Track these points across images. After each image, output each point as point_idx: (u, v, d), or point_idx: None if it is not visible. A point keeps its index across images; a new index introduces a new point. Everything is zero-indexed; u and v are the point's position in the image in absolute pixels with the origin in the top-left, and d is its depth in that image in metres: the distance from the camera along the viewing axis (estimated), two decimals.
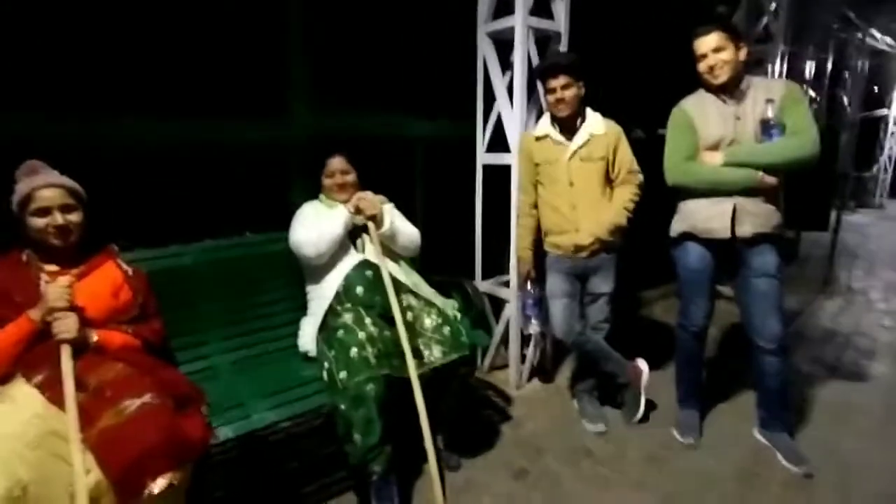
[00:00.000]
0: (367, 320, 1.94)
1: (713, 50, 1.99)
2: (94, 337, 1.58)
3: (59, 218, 1.61)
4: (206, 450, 1.55)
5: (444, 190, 3.17)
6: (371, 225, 2.12)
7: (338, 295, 2.08)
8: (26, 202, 1.61)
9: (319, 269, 2.14)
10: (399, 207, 2.38)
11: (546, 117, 2.37)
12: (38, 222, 1.60)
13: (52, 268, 1.66)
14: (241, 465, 2.20)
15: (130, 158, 2.25)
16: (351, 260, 2.13)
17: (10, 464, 1.24)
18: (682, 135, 2.11)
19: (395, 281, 2.08)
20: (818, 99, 8.36)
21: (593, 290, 2.40)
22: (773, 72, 4.52)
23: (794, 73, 5.21)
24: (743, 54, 2.02)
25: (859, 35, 9.86)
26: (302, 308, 2.26)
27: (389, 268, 2.10)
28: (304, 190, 2.41)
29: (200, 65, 2.38)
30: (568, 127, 2.30)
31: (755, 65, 4.23)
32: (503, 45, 2.68)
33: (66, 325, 1.51)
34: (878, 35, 9.94)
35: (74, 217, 1.65)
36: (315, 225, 2.11)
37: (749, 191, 2.00)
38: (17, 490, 1.22)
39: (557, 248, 2.37)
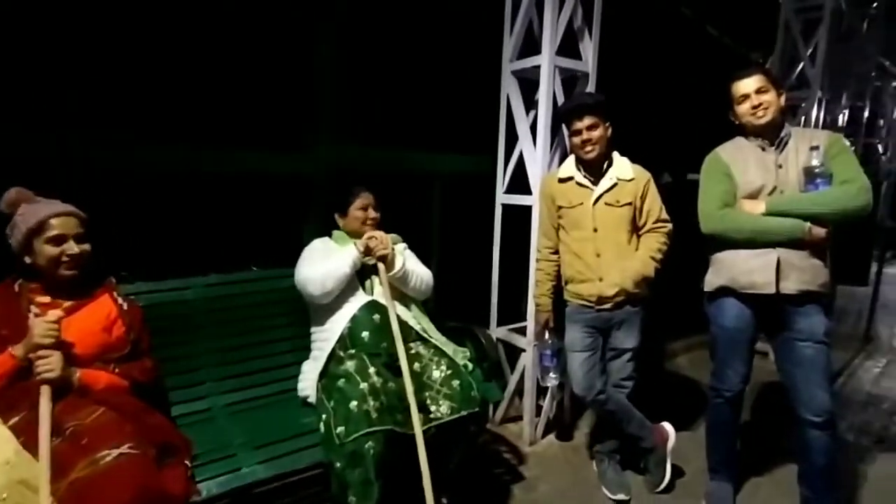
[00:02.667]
0: (372, 369, 1.81)
1: (756, 91, 1.88)
2: (78, 376, 1.48)
3: (74, 247, 1.56)
4: None
5: (462, 230, 3.06)
6: (381, 266, 2.01)
7: (342, 339, 1.95)
8: (39, 230, 1.54)
9: (325, 310, 2.03)
10: (414, 247, 2.27)
11: (571, 159, 2.26)
12: (52, 251, 1.54)
13: (45, 299, 1.58)
14: None
15: (140, 186, 2.20)
16: (358, 301, 2.01)
17: None
18: (718, 181, 1.97)
19: (403, 326, 1.96)
20: (855, 148, 8.13)
21: (617, 346, 2.23)
22: (808, 119, 4.38)
23: (830, 121, 5.04)
24: (783, 100, 1.91)
25: (894, 84, 9.67)
26: (305, 350, 2.14)
27: (399, 311, 1.99)
28: (319, 225, 2.33)
29: (224, 94, 2.35)
30: (594, 170, 2.18)
31: (790, 113, 4.10)
32: (528, 83, 2.62)
33: (49, 364, 1.42)
34: None
35: (86, 246, 1.60)
36: (323, 262, 2.00)
37: (793, 243, 1.84)
38: None
39: (579, 298, 2.22)
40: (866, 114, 8.47)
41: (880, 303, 5.19)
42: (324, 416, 1.75)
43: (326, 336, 2.01)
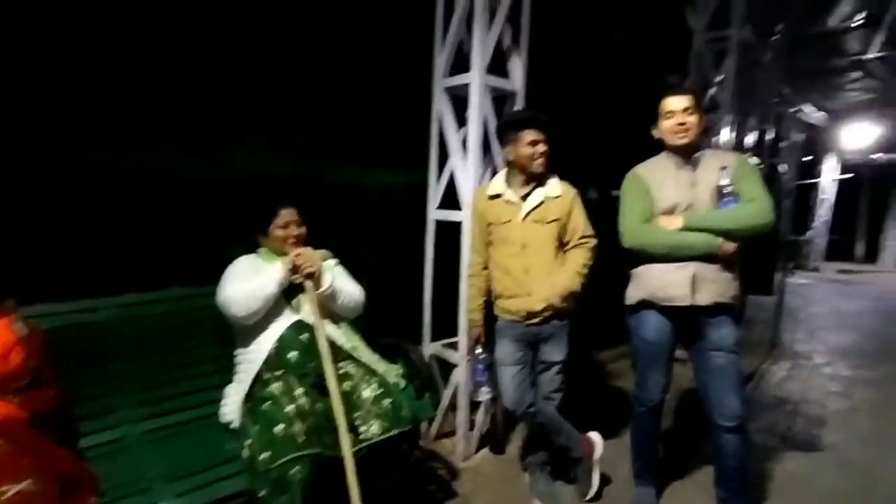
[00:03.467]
0: (299, 390, 1.75)
1: (682, 110, 1.99)
2: None
3: None
4: None
5: (395, 245, 3.05)
6: (309, 284, 1.95)
7: (268, 359, 1.88)
8: None
9: (250, 330, 1.94)
10: (346, 262, 2.23)
11: (500, 176, 2.31)
12: None
13: None
14: None
15: (44, 196, 2.04)
16: (285, 321, 1.94)
17: None
18: (637, 198, 2.08)
19: (333, 346, 1.90)
20: (762, 167, 8.84)
21: (546, 359, 2.27)
22: (720, 141, 4.71)
23: (739, 142, 5.45)
24: (703, 123, 2.04)
25: (793, 110, 10.62)
26: (229, 372, 2.03)
27: (328, 330, 1.93)
28: (245, 240, 2.22)
29: (148, 96, 2.23)
30: (524, 187, 2.23)
31: (705, 134, 4.40)
32: (459, 100, 2.65)
33: None
34: (810, 110, 10.73)
35: None
36: (248, 281, 1.92)
37: (707, 258, 1.96)
38: None
39: (508, 313, 2.25)
40: (770, 136, 9.28)
41: (785, 311, 5.62)
42: (247, 442, 1.68)
43: (251, 357, 1.92)
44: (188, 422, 2.00)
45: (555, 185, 2.24)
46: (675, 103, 2.01)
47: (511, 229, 2.20)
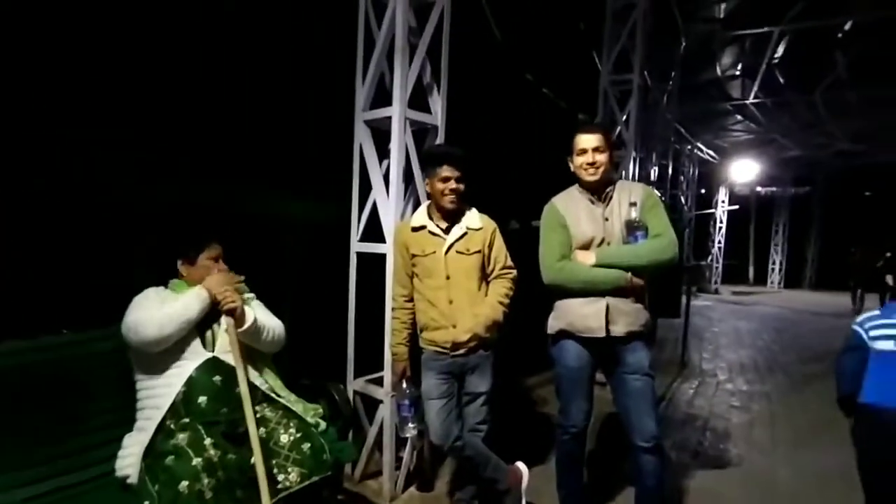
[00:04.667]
0: (208, 441, 1.61)
1: (593, 149, 2.08)
2: None
3: None
4: None
5: (317, 279, 2.96)
6: (230, 321, 1.82)
7: (174, 406, 1.73)
8: None
9: (155, 367, 1.78)
10: (263, 296, 2.12)
11: (423, 208, 2.31)
12: None
13: None
14: None
15: None
16: (197, 358, 1.80)
17: None
18: (555, 234, 2.14)
19: (251, 387, 1.79)
20: (664, 198, 9.56)
21: (471, 390, 2.26)
22: (627, 174, 5.04)
23: (642, 176, 5.87)
24: (612, 160, 2.14)
25: (689, 147, 11.67)
26: (128, 421, 1.84)
27: (245, 371, 1.81)
28: (152, 273, 2.05)
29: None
30: (447, 220, 2.25)
31: (614, 169, 4.70)
32: (381, 133, 2.65)
33: None
34: (703, 147, 11.83)
35: None
36: (159, 306, 1.77)
37: (618, 291, 2.05)
38: None
39: (433, 345, 2.23)
40: (670, 170, 10.11)
41: (690, 331, 6.02)
42: (146, 503, 1.51)
43: (155, 403, 1.76)
44: (83, 483, 1.77)
45: (475, 218, 2.28)
46: (587, 141, 2.10)
47: (435, 261, 2.20)
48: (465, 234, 2.23)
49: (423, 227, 2.26)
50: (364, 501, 2.55)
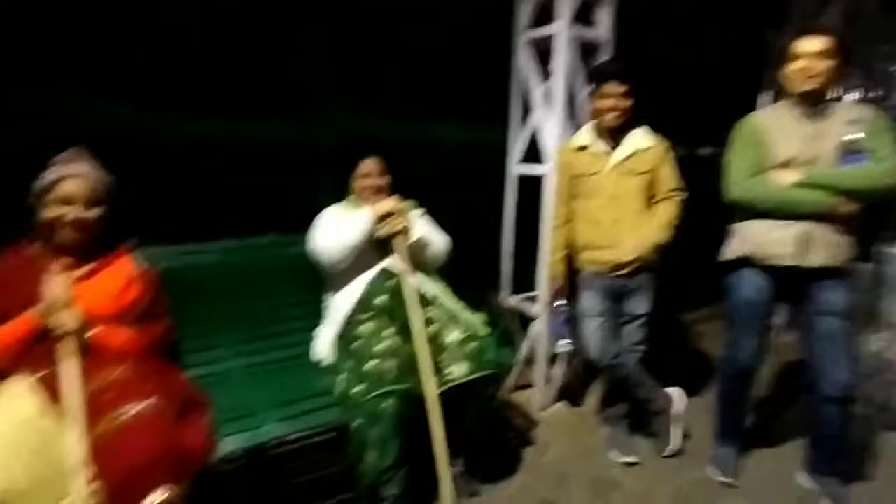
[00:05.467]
0: (387, 331, 1.83)
1: (817, 53, 1.80)
2: (95, 334, 1.48)
3: (75, 211, 1.53)
4: (207, 461, 1.44)
5: (474, 199, 3.06)
6: (399, 239, 2.00)
7: (358, 303, 1.97)
8: (49, 189, 1.52)
9: (340, 276, 2.04)
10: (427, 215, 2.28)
11: (587, 127, 2.25)
12: (55, 212, 1.52)
13: (65, 261, 1.56)
14: (247, 477, 2.07)
15: (156, 152, 2.19)
16: (374, 267, 2.03)
17: (8, 464, 1.16)
18: (749, 149, 1.93)
19: (418, 292, 1.97)
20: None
21: (631, 311, 2.25)
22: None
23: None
24: (838, 72, 1.83)
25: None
26: (320, 314, 2.16)
27: (414, 277, 1.99)
28: (332, 192, 2.32)
29: (230, 63, 2.33)
30: (613, 138, 2.17)
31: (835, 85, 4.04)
32: (543, 52, 2.58)
33: (65, 320, 1.42)
34: None
35: (92, 213, 1.56)
36: (337, 230, 2.01)
37: (820, 217, 1.81)
38: (11, 495, 1.13)
39: (594, 265, 2.23)
40: (875, 94, 8.44)
41: (884, 281, 5.20)
42: (341, 377, 1.78)
43: (341, 301, 2.02)
44: (283, 360, 2.13)
45: (644, 137, 2.18)
46: (809, 45, 1.80)
47: (599, 181, 2.16)
48: (633, 153, 2.14)
49: (586, 147, 2.21)
50: (515, 410, 2.71)
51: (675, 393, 2.32)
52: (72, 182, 1.53)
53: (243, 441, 1.62)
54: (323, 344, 2.03)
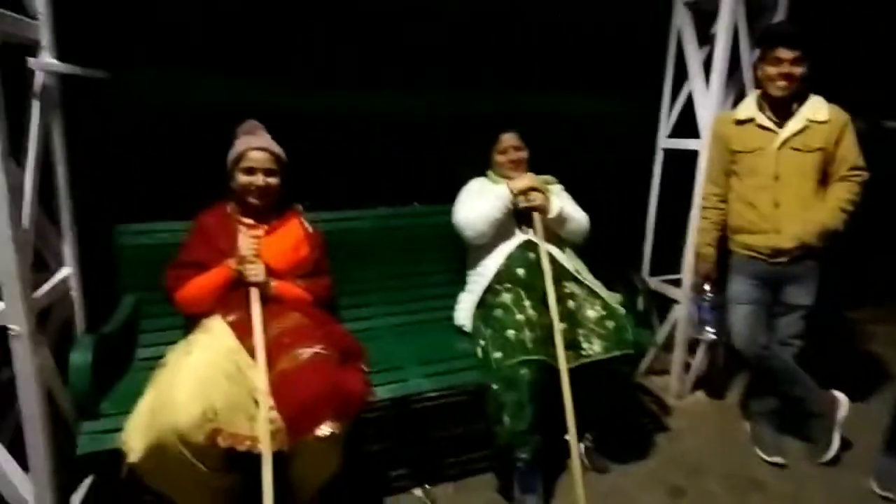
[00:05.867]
0: (527, 303, 1.87)
1: None
2: (275, 285, 1.72)
3: (260, 179, 1.78)
4: (364, 405, 1.61)
5: (616, 175, 2.96)
6: (536, 214, 2.02)
7: (498, 274, 2.03)
8: (239, 159, 1.79)
9: (482, 248, 2.11)
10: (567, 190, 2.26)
11: (751, 98, 2.06)
12: (244, 179, 1.79)
13: (249, 221, 1.84)
14: (393, 425, 2.28)
15: (320, 126, 2.41)
16: (515, 240, 2.07)
17: (208, 389, 1.38)
18: None
19: (558, 266, 1.99)
20: None
21: (789, 301, 2.06)
22: None
23: None
24: None
25: None
26: (460, 282, 2.26)
27: (554, 252, 2.01)
28: (471, 164, 2.38)
29: (378, 40, 2.50)
30: (780, 110, 1.97)
31: None
32: (702, 16, 2.39)
33: (255, 271, 1.67)
34: None
35: (273, 180, 1.82)
36: (478, 204, 2.07)
37: None
38: (210, 413, 1.35)
39: (749, 249, 2.07)
40: None
41: None
42: (481, 342, 1.87)
43: (482, 271, 2.10)
44: (427, 321, 2.28)
45: (821, 109, 1.94)
46: None
47: (762, 158, 1.98)
48: (806, 127, 1.93)
49: (750, 120, 2.03)
50: (649, 393, 2.64)
51: (838, 395, 2.11)
52: (256, 154, 1.80)
53: (390, 392, 1.77)
54: (463, 310, 2.13)
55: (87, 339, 1.56)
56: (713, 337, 2.31)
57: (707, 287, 2.26)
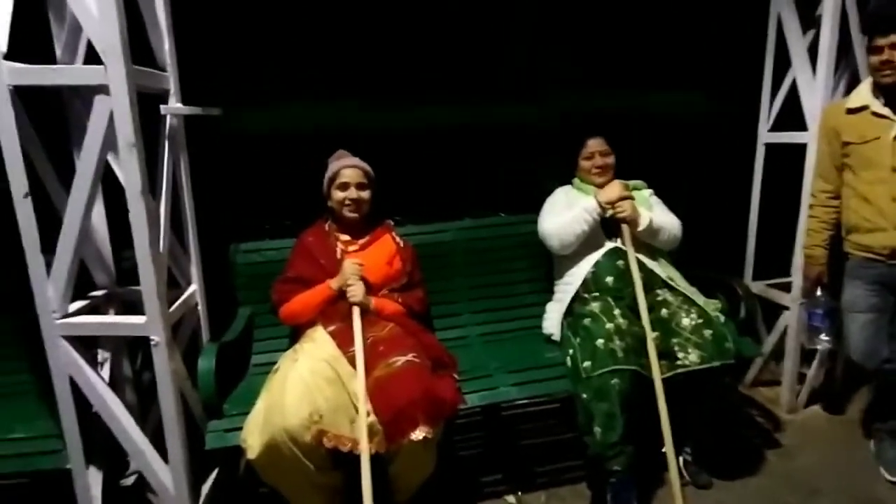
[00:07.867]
0: (616, 311, 1.85)
1: None
2: (373, 302, 1.84)
3: (354, 193, 1.92)
4: (456, 411, 1.67)
5: (717, 172, 2.81)
6: (625, 227, 1.97)
7: (585, 282, 2.02)
8: (333, 178, 1.95)
9: (569, 257, 2.10)
10: (661, 191, 2.20)
11: (865, 85, 1.90)
12: (339, 195, 1.93)
13: (345, 237, 1.98)
14: (484, 431, 2.33)
15: (404, 142, 2.53)
16: (602, 248, 2.04)
17: (314, 394, 1.51)
18: None
19: (650, 274, 1.94)
20: None
21: None
22: None
23: None
24: None
25: None
26: (547, 291, 2.27)
27: (644, 260, 1.97)
28: (555, 171, 2.37)
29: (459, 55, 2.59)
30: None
31: None
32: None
33: (357, 292, 1.79)
34: None
35: (365, 194, 1.95)
36: (564, 216, 2.04)
37: None
38: (315, 416, 1.48)
39: (866, 250, 1.89)
40: None
41: None
42: (570, 352, 1.87)
43: (570, 280, 2.08)
44: (514, 330, 2.30)
45: None
46: None
47: (878, 149, 1.81)
48: None
49: (863, 108, 1.87)
50: (757, 406, 2.47)
51: None
52: (348, 171, 1.94)
53: (481, 399, 1.82)
54: (551, 319, 2.13)
55: (211, 347, 1.77)
56: (828, 346, 2.13)
57: (819, 292, 2.09)
